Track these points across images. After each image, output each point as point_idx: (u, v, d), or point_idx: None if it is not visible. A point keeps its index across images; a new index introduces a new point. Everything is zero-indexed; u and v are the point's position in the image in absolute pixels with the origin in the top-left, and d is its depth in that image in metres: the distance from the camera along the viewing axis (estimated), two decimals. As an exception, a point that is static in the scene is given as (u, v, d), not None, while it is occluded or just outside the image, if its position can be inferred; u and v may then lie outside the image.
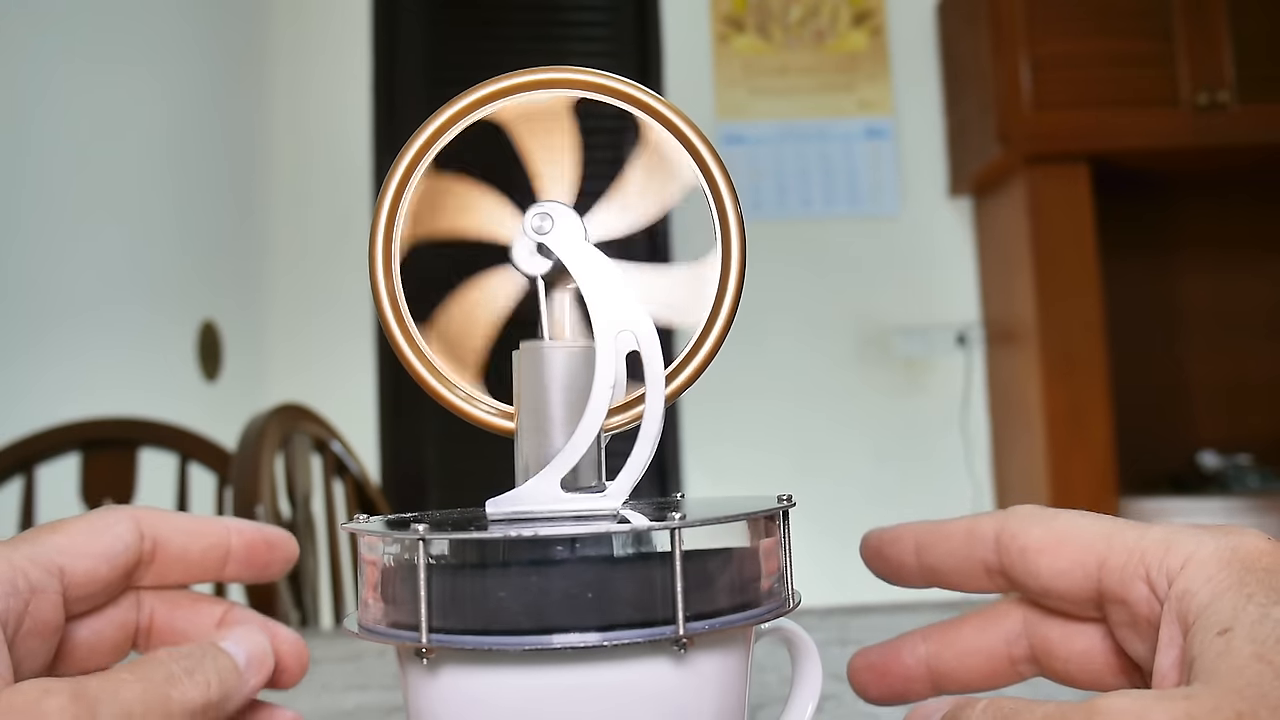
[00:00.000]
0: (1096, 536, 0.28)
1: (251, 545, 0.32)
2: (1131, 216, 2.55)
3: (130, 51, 1.91)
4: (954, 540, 0.31)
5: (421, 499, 2.57)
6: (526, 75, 0.32)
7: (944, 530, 0.31)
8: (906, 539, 0.32)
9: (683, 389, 0.32)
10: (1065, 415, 2.25)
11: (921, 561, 0.32)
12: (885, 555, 0.33)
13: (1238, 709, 0.21)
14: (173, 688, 0.25)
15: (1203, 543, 0.26)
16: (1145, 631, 0.27)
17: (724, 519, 0.28)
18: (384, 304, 0.32)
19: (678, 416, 2.57)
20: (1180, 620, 0.25)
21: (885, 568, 0.33)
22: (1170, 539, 0.26)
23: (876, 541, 0.33)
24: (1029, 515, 0.30)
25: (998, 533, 0.30)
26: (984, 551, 0.30)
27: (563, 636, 0.25)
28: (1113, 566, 0.27)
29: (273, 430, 1.09)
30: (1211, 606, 0.24)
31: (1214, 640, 0.23)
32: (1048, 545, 0.29)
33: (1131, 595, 0.27)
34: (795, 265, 2.62)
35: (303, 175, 2.63)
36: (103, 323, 1.73)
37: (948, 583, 0.32)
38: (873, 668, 0.33)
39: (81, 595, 0.28)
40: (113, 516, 0.29)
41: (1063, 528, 0.29)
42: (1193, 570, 0.25)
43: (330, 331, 2.58)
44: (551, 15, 2.75)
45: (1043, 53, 2.29)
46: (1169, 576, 0.26)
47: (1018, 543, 0.29)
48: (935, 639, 0.32)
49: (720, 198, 0.32)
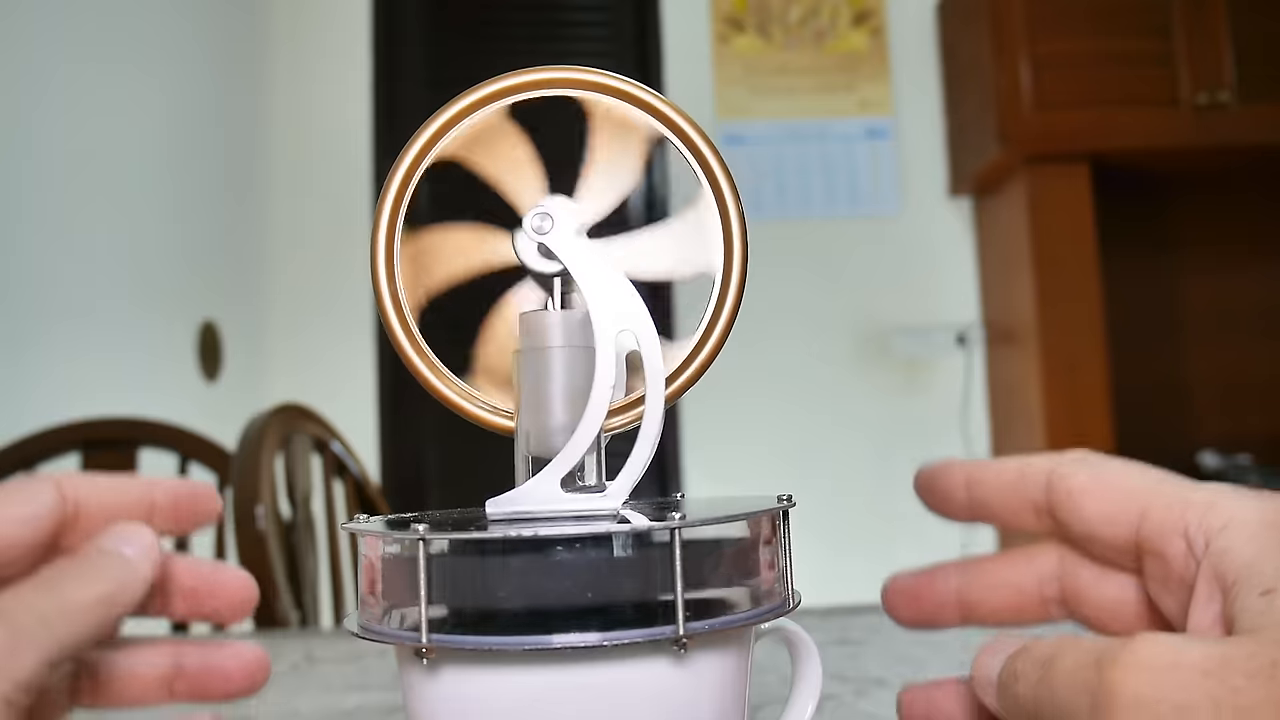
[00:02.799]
0: (1142, 487, 0.29)
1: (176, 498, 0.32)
2: (1131, 216, 2.55)
3: (130, 52, 1.91)
4: (1006, 476, 0.32)
5: (421, 499, 2.57)
6: (527, 75, 0.32)
7: (997, 467, 0.32)
8: (957, 473, 0.33)
9: (683, 390, 0.32)
10: (1065, 415, 2.25)
11: (972, 495, 0.33)
12: (936, 485, 0.34)
13: (1274, 657, 0.21)
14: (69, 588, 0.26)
15: (1245, 504, 0.26)
16: (1177, 588, 0.27)
17: (724, 519, 0.28)
18: (385, 304, 0.32)
19: (678, 416, 2.57)
20: (1219, 578, 0.25)
21: (934, 498, 0.34)
22: (1214, 498, 0.27)
23: (929, 473, 0.34)
24: (1082, 459, 0.31)
25: (1049, 473, 0.31)
26: (1034, 490, 0.31)
27: (563, 636, 0.25)
28: (1154, 518, 0.28)
29: (273, 430, 1.09)
30: (1254, 566, 0.24)
31: (1256, 600, 0.23)
32: (1095, 489, 0.29)
33: (1169, 550, 0.27)
34: (795, 265, 2.62)
35: (303, 175, 2.63)
36: (103, 323, 1.73)
37: (995, 517, 0.32)
38: (905, 591, 0.33)
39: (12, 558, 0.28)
40: (34, 483, 0.30)
41: (1112, 474, 0.30)
42: (1235, 529, 0.25)
43: (330, 331, 2.58)
44: (551, 15, 2.75)
45: (1043, 53, 2.29)
46: (1207, 535, 0.26)
47: (1066, 483, 0.30)
48: (970, 570, 0.33)
49: (722, 197, 0.32)
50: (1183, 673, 0.21)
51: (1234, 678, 0.21)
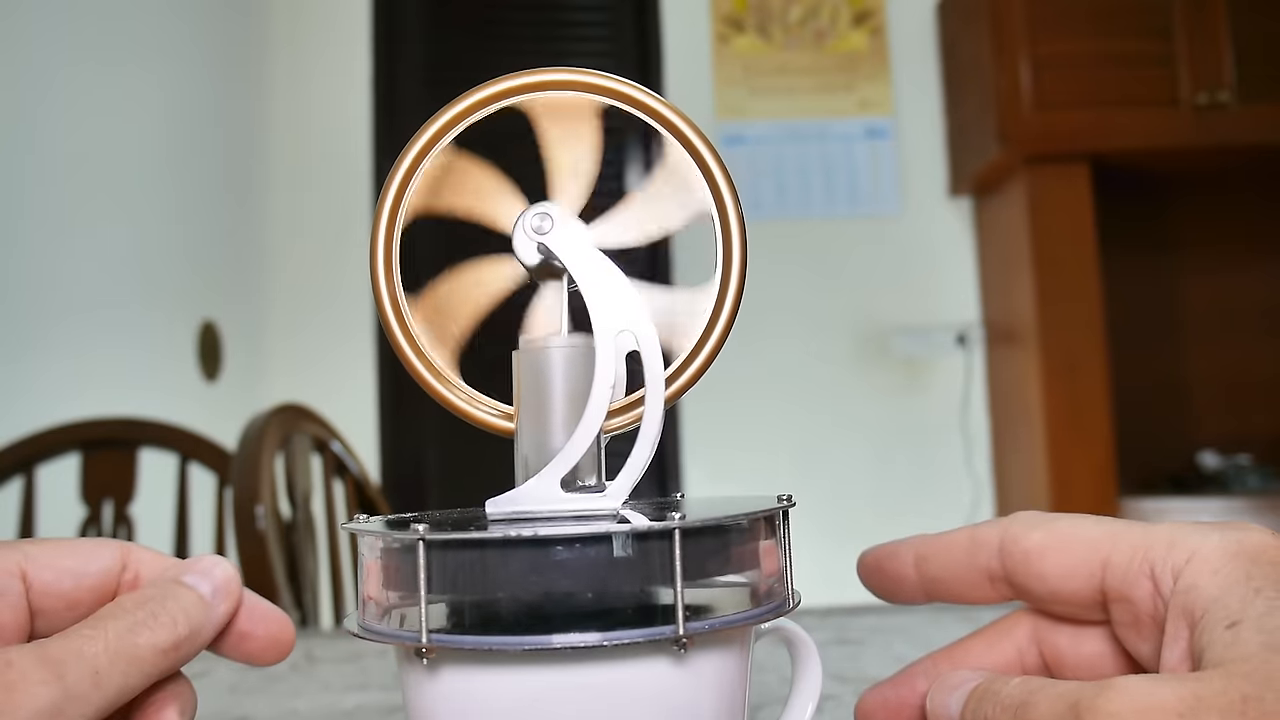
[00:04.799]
0: (1100, 536, 0.28)
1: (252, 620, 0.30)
2: (1131, 216, 2.55)
3: (130, 52, 1.91)
4: (955, 549, 0.31)
5: (421, 499, 2.57)
6: (527, 76, 0.32)
7: (944, 540, 0.31)
8: (905, 552, 0.32)
9: (683, 391, 0.32)
10: (1065, 415, 2.25)
11: (922, 573, 0.32)
12: (884, 570, 0.32)
13: (1244, 692, 0.21)
14: (137, 635, 0.25)
15: (1207, 538, 0.26)
16: (1148, 630, 0.27)
17: (724, 519, 0.28)
18: (385, 304, 0.32)
19: (678, 416, 2.57)
20: (1186, 615, 0.25)
21: (884, 583, 0.33)
22: (1174, 535, 0.26)
23: (874, 558, 0.33)
24: (1031, 520, 0.30)
25: (1000, 538, 0.30)
26: (987, 558, 0.30)
27: (563, 636, 0.25)
28: (1116, 565, 0.27)
29: (273, 430, 1.09)
30: (1219, 600, 0.24)
31: (1223, 633, 0.23)
32: (1051, 547, 0.29)
33: (1136, 593, 0.27)
34: (795, 265, 2.62)
35: (303, 175, 2.63)
36: (103, 323, 1.73)
37: (950, 594, 0.31)
38: (886, 706, 0.32)
39: (48, 606, 0.27)
40: (100, 542, 0.29)
41: (1066, 529, 0.29)
42: (1198, 565, 0.25)
43: (330, 331, 2.58)
44: (551, 15, 2.75)
45: (1043, 53, 2.29)
46: (1174, 572, 0.26)
47: (1020, 546, 0.29)
48: (944, 663, 0.32)
49: (720, 197, 0.32)
50: (1158, 715, 0.21)
51: (1208, 716, 0.21)
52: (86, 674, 0.23)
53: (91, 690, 0.23)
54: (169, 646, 0.25)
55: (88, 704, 0.23)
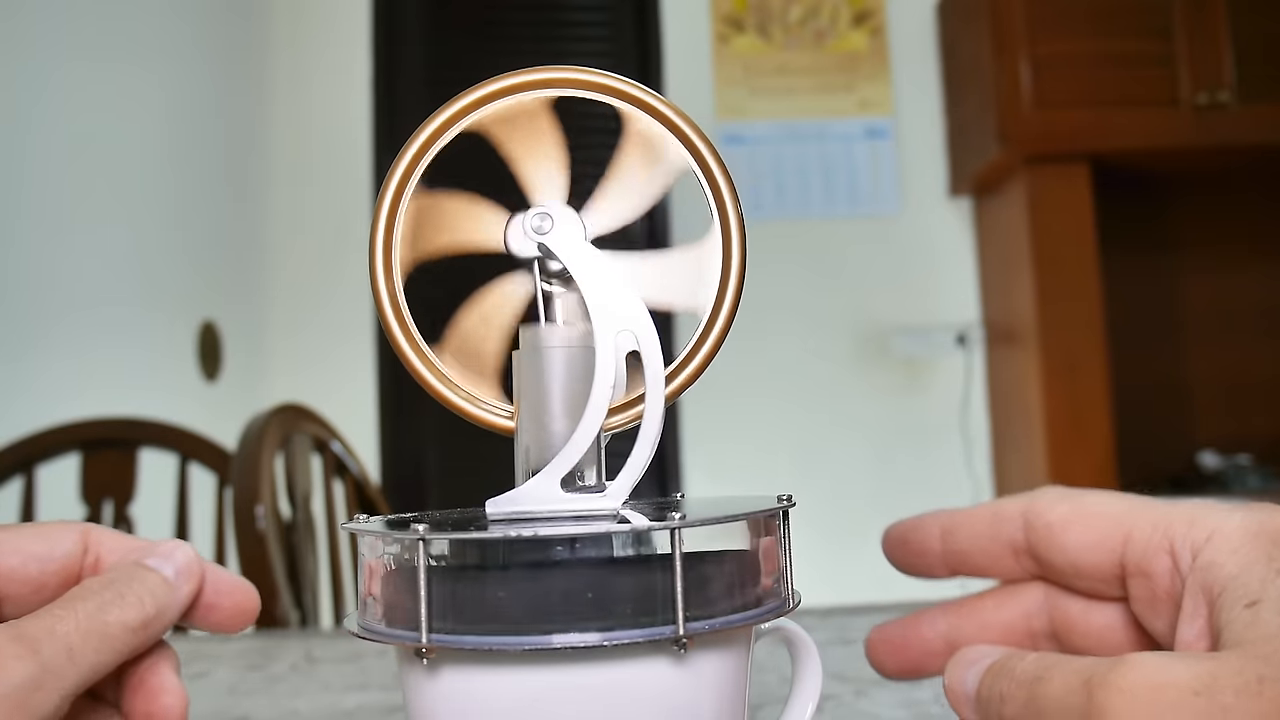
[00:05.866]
0: (1123, 511, 0.28)
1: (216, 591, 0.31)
2: (1131, 216, 2.55)
3: (130, 51, 1.91)
4: (980, 523, 0.31)
5: (421, 499, 2.57)
6: (526, 75, 0.32)
7: (969, 514, 0.32)
8: (930, 525, 0.32)
9: (683, 389, 0.32)
10: (1065, 415, 2.25)
11: (947, 547, 0.32)
12: (909, 543, 0.33)
13: (1260, 673, 0.21)
14: (107, 614, 0.26)
15: (1229, 517, 0.26)
16: (1165, 606, 0.27)
17: (724, 519, 0.28)
18: (384, 304, 0.32)
19: (678, 416, 2.57)
20: (1205, 591, 0.25)
21: (909, 557, 0.33)
22: (1196, 513, 0.27)
23: (899, 531, 0.33)
24: (1057, 494, 0.30)
25: (1024, 511, 0.30)
26: (1011, 532, 0.31)
27: (563, 636, 0.25)
28: (1137, 540, 0.27)
29: (273, 430, 1.09)
30: (1239, 579, 0.24)
31: (1242, 612, 0.23)
32: (1075, 520, 0.29)
33: (1154, 568, 0.27)
34: (795, 265, 2.62)
35: (303, 175, 2.63)
36: (103, 323, 1.73)
37: (974, 567, 0.32)
38: (890, 641, 0.33)
39: (13, 592, 0.28)
40: (61, 525, 0.30)
41: (1089, 504, 0.29)
42: (1219, 542, 0.25)
43: (330, 331, 2.58)
44: (551, 15, 2.75)
45: (1043, 53, 2.29)
46: (1193, 550, 0.26)
47: (1044, 519, 0.30)
48: (955, 613, 0.32)
49: (720, 196, 0.32)
50: (1172, 693, 0.21)
51: (1223, 695, 0.21)
52: (61, 650, 0.24)
53: (67, 665, 0.24)
54: (138, 625, 0.26)
55: (63, 678, 0.24)
